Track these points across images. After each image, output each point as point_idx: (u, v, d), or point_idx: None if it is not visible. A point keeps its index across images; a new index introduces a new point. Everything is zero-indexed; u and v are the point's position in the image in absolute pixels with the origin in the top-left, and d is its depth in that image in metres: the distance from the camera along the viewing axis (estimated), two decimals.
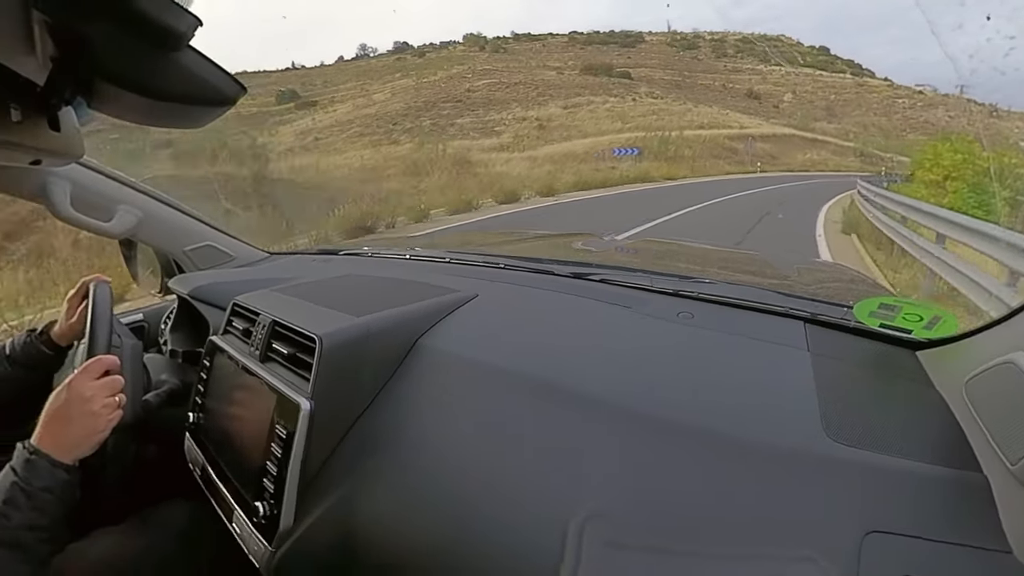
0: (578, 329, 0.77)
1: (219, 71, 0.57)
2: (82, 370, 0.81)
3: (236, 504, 0.77)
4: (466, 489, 0.57)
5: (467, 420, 0.65)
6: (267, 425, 0.71)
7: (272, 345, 0.78)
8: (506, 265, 1.07)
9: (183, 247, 1.40)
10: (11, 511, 0.73)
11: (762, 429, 0.52)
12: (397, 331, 0.76)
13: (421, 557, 0.56)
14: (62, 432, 0.79)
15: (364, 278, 1.08)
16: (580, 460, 0.54)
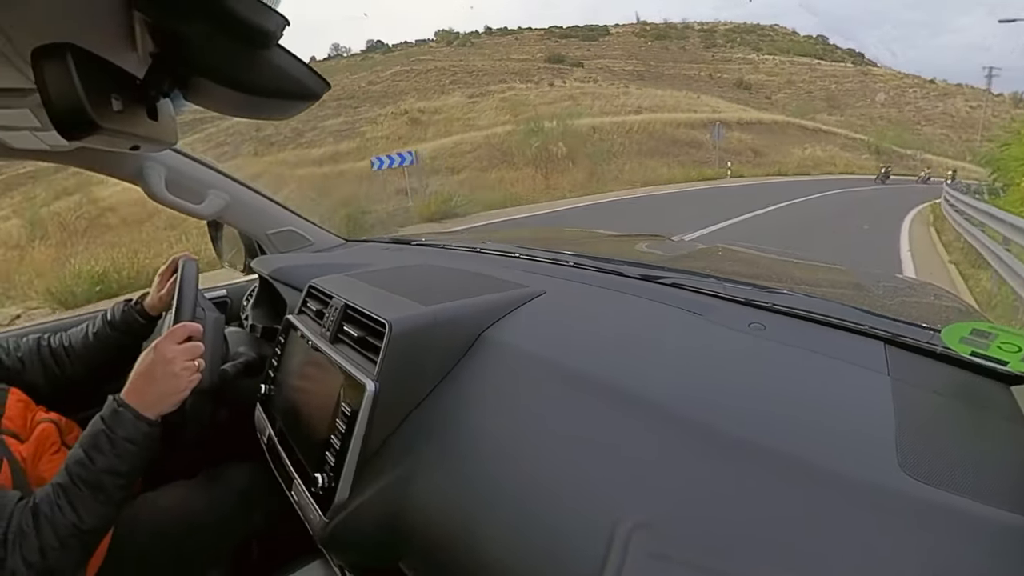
0: (646, 333, 0.76)
1: (305, 67, 0.61)
2: (167, 335, 0.89)
3: (297, 473, 0.81)
4: (519, 483, 0.57)
5: (526, 415, 0.65)
6: (333, 402, 0.75)
7: (343, 327, 0.82)
8: (575, 263, 1.05)
9: (266, 230, 1.49)
10: (95, 455, 0.81)
11: (830, 454, 0.48)
12: (463, 322, 0.77)
13: (466, 545, 0.57)
14: (147, 389, 0.86)
15: (435, 268, 1.11)
16: (636, 467, 0.53)
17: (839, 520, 0.44)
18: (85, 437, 0.83)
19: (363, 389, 0.69)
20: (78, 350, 1.18)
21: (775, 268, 1.41)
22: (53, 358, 1.16)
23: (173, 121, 0.78)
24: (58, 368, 1.16)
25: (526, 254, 1.17)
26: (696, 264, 1.23)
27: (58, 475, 0.82)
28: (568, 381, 0.65)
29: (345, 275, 1.02)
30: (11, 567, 0.75)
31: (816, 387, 0.61)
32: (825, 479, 0.46)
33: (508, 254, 1.21)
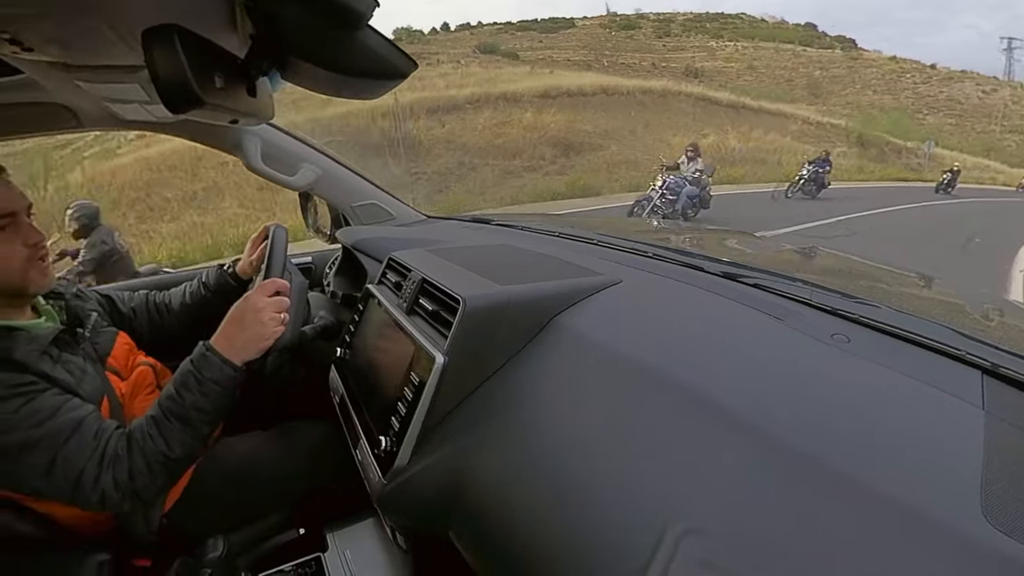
0: (722, 334, 0.72)
1: (394, 48, 0.62)
2: (258, 287, 0.96)
3: (363, 434, 0.85)
4: (575, 471, 0.56)
5: (592, 404, 0.64)
6: (403, 370, 0.77)
7: (419, 300, 0.85)
8: (654, 255, 1.02)
9: (352, 203, 1.57)
10: (184, 392, 0.89)
11: (903, 486, 0.44)
12: (536, 304, 0.77)
13: (515, 524, 0.57)
14: (235, 335, 0.93)
15: (513, 249, 1.12)
16: (695, 471, 0.51)
17: (900, 556, 0.40)
18: (176, 376, 0.92)
19: (433, 361, 0.71)
20: (177, 306, 1.31)
21: (867, 277, 1.30)
22: (157, 311, 1.30)
23: (270, 98, 0.83)
24: (160, 320, 1.29)
25: (605, 241, 1.15)
26: (781, 265, 1.16)
27: (151, 409, 0.91)
28: (637, 375, 0.64)
29: (424, 250, 1.05)
30: (102, 484, 0.84)
31: (899, 412, 0.55)
32: (893, 511, 0.42)
33: (586, 240, 1.19)
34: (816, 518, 0.44)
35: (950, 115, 34.91)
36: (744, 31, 44.84)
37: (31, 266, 0.91)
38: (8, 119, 1.26)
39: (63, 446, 0.84)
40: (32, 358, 0.88)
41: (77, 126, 1.31)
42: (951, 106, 35.89)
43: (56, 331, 0.95)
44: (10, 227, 0.89)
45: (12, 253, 0.89)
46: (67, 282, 1.13)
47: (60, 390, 0.89)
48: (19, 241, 0.90)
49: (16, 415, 0.83)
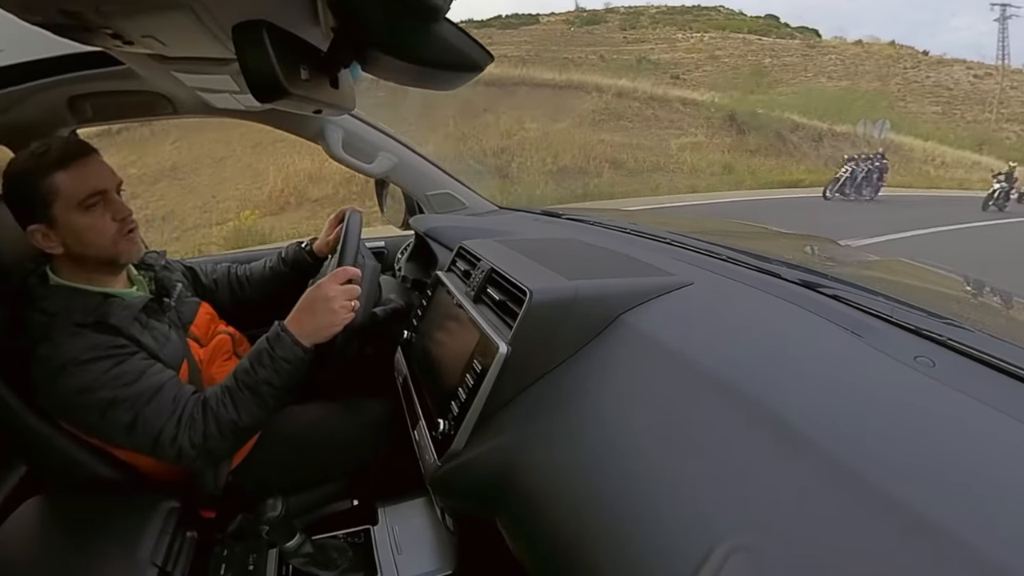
0: (796, 346, 0.68)
1: (471, 41, 0.63)
2: (330, 276, 1.00)
3: (423, 415, 0.87)
4: (629, 473, 0.55)
5: (652, 407, 0.62)
6: (466, 357, 0.78)
7: (486, 289, 0.85)
8: (728, 257, 0.97)
9: (426, 191, 1.60)
10: (257, 367, 0.95)
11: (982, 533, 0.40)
12: (603, 301, 0.76)
13: (566, 516, 0.57)
14: (307, 320, 0.98)
15: (582, 244, 1.10)
16: (754, 487, 0.48)
17: None
18: (252, 352, 0.98)
19: (496, 350, 0.72)
20: (256, 280, 1.40)
21: (959, 296, 1.20)
22: (238, 283, 1.39)
23: (351, 89, 0.85)
24: (240, 292, 1.38)
25: (677, 241, 1.11)
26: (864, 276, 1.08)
27: (226, 379, 0.98)
28: (701, 382, 0.61)
29: (494, 240, 1.06)
30: (179, 443, 0.92)
31: (988, 451, 0.50)
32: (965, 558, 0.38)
33: (658, 239, 1.15)
34: (879, 557, 0.40)
35: (935, 102, 29.56)
36: (719, 23, 40.76)
37: (120, 238, 0.99)
38: (113, 106, 1.38)
39: (145, 407, 0.92)
40: (125, 323, 0.97)
41: (173, 113, 1.41)
42: (938, 93, 30.40)
43: (146, 299, 1.04)
44: (101, 203, 0.97)
45: (104, 226, 0.97)
46: (156, 255, 1.23)
47: (147, 354, 0.97)
48: (109, 216, 0.98)
49: (107, 375, 0.91)
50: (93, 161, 0.97)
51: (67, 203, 0.94)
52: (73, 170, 0.94)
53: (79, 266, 1.00)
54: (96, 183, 0.96)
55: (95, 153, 0.98)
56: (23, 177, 0.93)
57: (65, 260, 0.99)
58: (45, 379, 0.93)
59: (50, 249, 0.96)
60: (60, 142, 0.97)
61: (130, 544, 0.95)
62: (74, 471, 1.06)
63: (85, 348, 0.92)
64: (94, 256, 0.99)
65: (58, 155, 0.93)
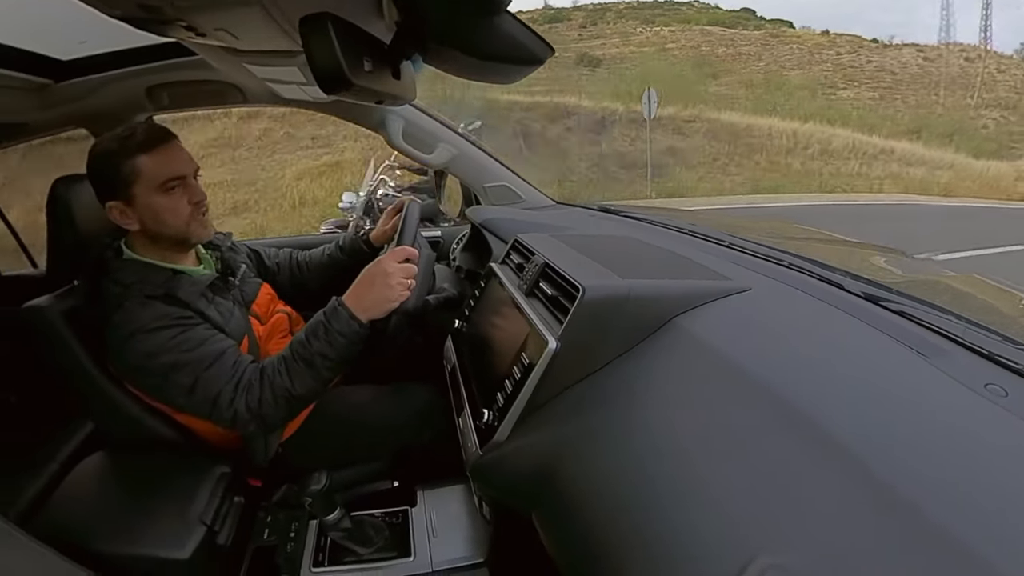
0: (856, 363, 0.64)
1: (532, 33, 0.62)
2: (390, 253, 1.03)
3: (468, 404, 0.88)
4: (673, 477, 0.54)
5: (700, 414, 0.60)
6: (515, 350, 0.78)
7: (539, 283, 0.85)
8: (789, 264, 0.93)
9: (483, 183, 1.61)
10: (313, 339, 0.98)
11: None
12: (657, 302, 0.74)
13: (602, 516, 0.56)
14: (364, 294, 1.00)
15: (638, 243, 1.08)
16: (799, 507, 0.46)
17: None
18: (309, 324, 1.02)
19: (545, 345, 0.71)
20: (315, 265, 1.45)
21: None
22: (297, 267, 1.45)
23: (413, 80, 0.86)
24: (299, 275, 1.44)
25: (736, 244, 1.07)
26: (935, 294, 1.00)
27: (283, 350, 1.02)
28: (753, 393, 0.58)
29: (550, 235, 1.05)
30: (235, 406, 0.96)
31: None
32: None
33: (717, 241, 1.11)
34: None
35: (876, 87, 25.77)
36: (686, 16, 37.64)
37: (193, 220, 1.05)
38: (188, 95, 1.47)
39: (205, 371, 0.97)
40: (192, 297, 1.02)
41: (244, 102, 1.49)
42: (880, 78, 26.60)
43: (212, 277, 1.10)
44: (179, 187, 1.03)
45: (180, 209, 1.03)
46: (223, 236, 1.29)
47: (210, 326, 1.03)
48: (186, 199, 1.04)
49: (171, 341, 0.97)
50: (174, 147, 1.03)
51: (148, 184, 1.00)
52: (156, 154, 1.00)
53: (152, 243, 1.06)
54: (176, 168, 1.02)
55: (176, 140, 1.04)
56: (107, 157, 0.99)
57: (140, 236, 1.05)
58: (116, 344, 0.99)
59: (126, 225, 1.03)
60: (144, 128, 1.02)
61: (183, 502, 1.01)
62: (136, 431, 1.13)
63: (153, 317, 0.98)
64: (168, 235, 1.05)
65: (142, 139, 0.99)
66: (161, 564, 0.94)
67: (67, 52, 1.37)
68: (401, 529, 1.12)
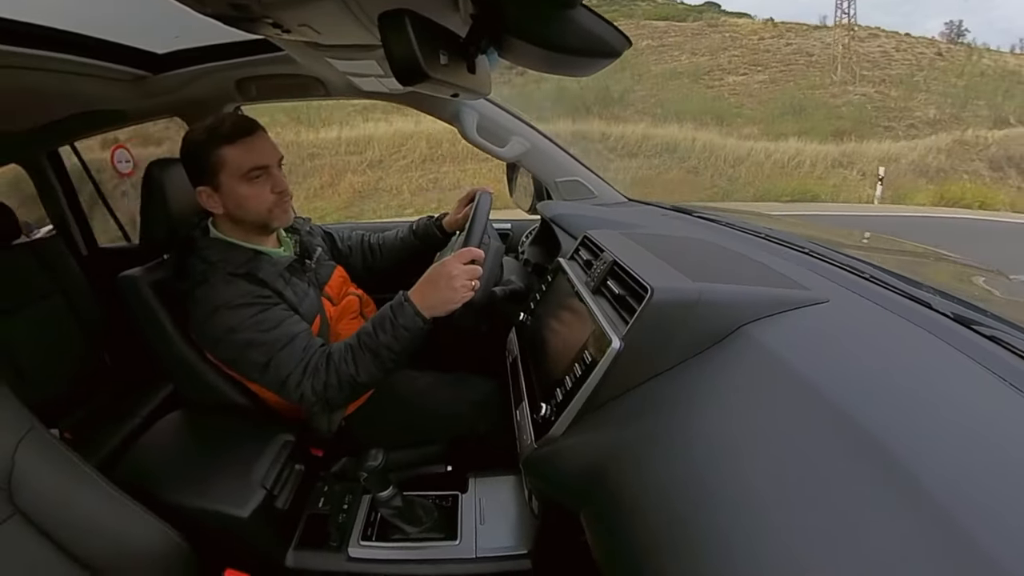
0: (940, 391, 0.58)
1: (608, 26, 0.61)
2: (456, 255, 1.04)
3: (527, 397, 0.88)
4: (729, 494, 0.51)
5: (764, 431, 0.56)
6: (578, 347, 0.77)
7: (607, 281, 0.83)
8: (872, 276, 0.86)
9: (555, 178, 1.61)
10: (379, 331, 1.02)
11: None
12: (727, 308, 0.71)
13: (650, 524, 0.55)
14: (429, 293, 1.03)
15: (711, 245, 1.05)
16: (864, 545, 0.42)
17: None
18: (376, 316, 1.06)
19: (608, 344, 0.70)
20: (387, 248, 1.50)
21: None
22: (370, 251, 1.50)
23: (488, 74, 0.87)
24: (371, 258, 1.49)
25: (817, 252, 1.01)
26: None
27: (350, 338, 1.06)
28: (824, 415, 0.54)
29: (620, 232, 1.03)
30: (303, 389, 1.01)
31: None
32: None
33: (796, 247, 1.05)
34: None
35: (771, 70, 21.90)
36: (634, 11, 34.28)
37: (275, 207, 1.11)
38: (274, 87, 1.55)
39: (278, 352, 1.03)
40: (271, 277, 1.08)
41: (325, 95, 1.56)
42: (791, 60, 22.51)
43: (291, 259, 1.16)
44: (263, 176, 1.08)
45: (263, 196, 1.09)
46: (303, 220, 1.35)
47: (287, 306, 1.09)
48: (269, 187, 1.09)
49: (251, 319, 1.03)
50: (259, 138, 1.08)
51: (233, 173, 1.06)
52: (240, 145, 1.06)
53: (236, 225, 1.13)
54: (259, 159, 1.08)
55: (262, 131, 1.10)
56: (197, 146, 1.06)
57: (225, 219, 1.12)
58: (199, 317, 1.07)
59: (212, 208, 1.10)
60: (231, 118, 1.08)
61: (247, 465, 1.07)
62: (211, 396, 1.22)
63: (236, 294, 1.04)
64: (250, 220, 1.11)
65: (229, 131, 1.05)
66: (222, 519, 1.00)
67: (163, 47, 1.48)
68: (450, 513, 1.14)
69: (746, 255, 0.97)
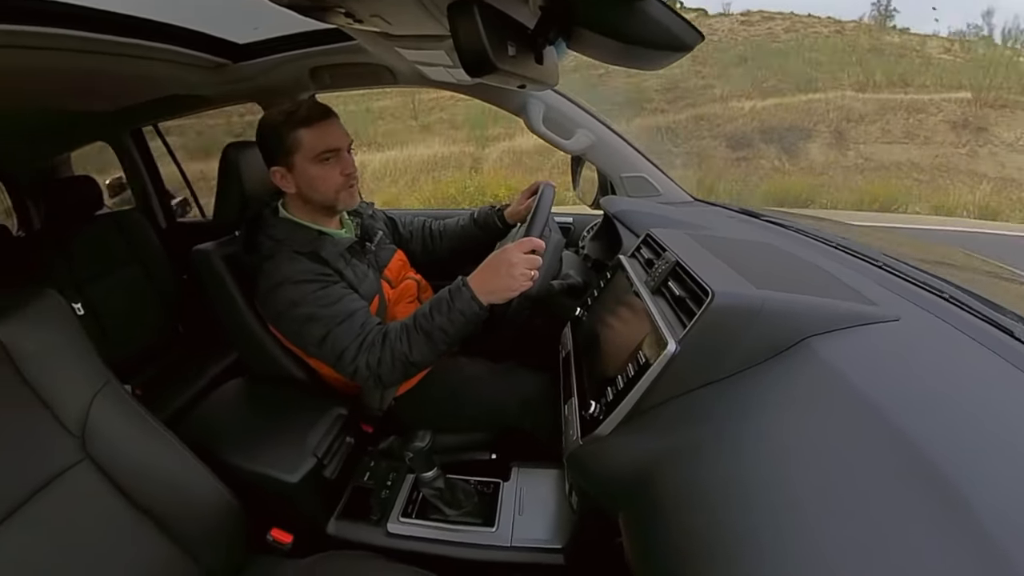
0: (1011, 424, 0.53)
1: (680, 19, 0.59)
2: (517, 243, 1.05)
3: (576, 393, 0.87)
4: (775, 516, 0.49)
5: (820, 451, 0.53)
6: (633, 346, 0.76)
7: (667, 282, 0.81)
8: (950, 296, 0.79)
9: (620, 173, 1.58)
10: (435, 313, 1.04)
11: None
12: (791, 319, 0.68)
13: (690, 537, 0.53)
14: (487, 280, 1.04)
15: (779, 252, 1.00)
16: (896, 560, 0.41)
17: None
18: (433, 299, 1.08)
19: (664, 346, 0.68)
20: (447, 235, 1.52)
21: None
22: (430, 237, 1.53)
23: (556, 66, 0.87)
24: (431, 244, 1.52)
25: (891, 266, 0.95)
26: None
27: (407, 318, 1.09)
28: (886, 441, 0.51)
29: (684, 232, 1.00)
30: (357, 363, 1.05)
31: None
32: None
33: (869, 259, 0.99)
34: None
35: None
36: None
37: (343, 189, 1.16)
38: (346, 76, 1.60)
39: (336, 327, 1.07)
40: (332, 257, 1.13)
41: (394, 83, 1.59)
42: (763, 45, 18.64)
43: (352, 241, 1.21)
44: (334, 159, 1.13)
45: (332, 178, 1.14)
46: (366, 204, 1.39)
47: (346, 285, 1.13)
48: (338, 170, 1.14)
49: (312, 295, 1.07)
50: (332, 123, 1.13)
51: (306, 155, 1.11)
52: (314, 129, 1.10)
53: (304, 206, 1.18)
54: (332, 142, 1.12)
55: (334, 117, 1.14)
56: (274, 128, 1.11)
57: (295, 199, 1.17)
58: (264, 290, 1.12)
59: (285, 188, 1.15)
60: (307, 104, 1.13)
61: (301, 434, 1.13)
62: (272, 366, 1.28)
63: (299, 271, 1.09)
64: (319, 201, 1.16)
65: (304, 115, 1.10)
66: (273, 483, 1.06)
67: (242, 36, 1.55)
68: (490, 500, 1.15)
69: (815, 264, 0.92)
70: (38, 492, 0.79)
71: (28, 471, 0.79)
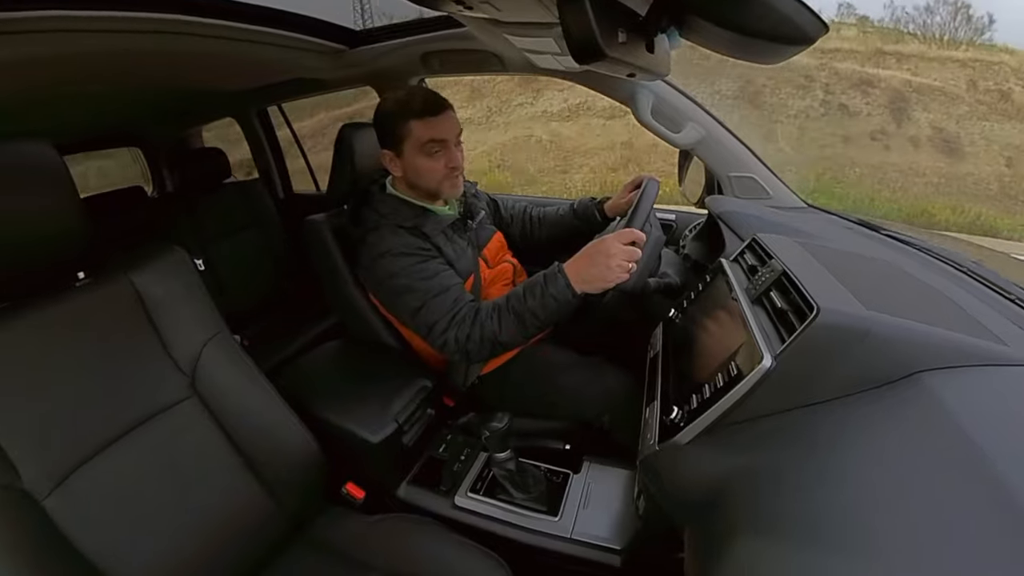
0: None
1: (804, 9, 0.55)
2: (616, 234, 1.04)
3: (660, 396, 0.85)
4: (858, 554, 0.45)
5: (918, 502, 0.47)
6: (725, 355, 0.72)
7: (769, 292, 0.75)
8: None
9: (729, 172, 1.51)
10: (528, 296, 1.06)
11: None
12: (902, 348, 0.61)
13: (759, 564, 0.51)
14: (583, 268, 1.04)
15: (897, 271, 0.91)
16: None
17: None
18: (528, 282, 1.10)
19: (759, 360, 0.63)
20: (547, 223, 1.54)
21: None
22: (530, 222, 1.55)
23: (667, 55, 0.84)
24: (530, 230, 1.55)
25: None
26: None
27: (500, 298, 1.12)
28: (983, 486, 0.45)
29: (794, 240, 0.94)
30: (447, 336, 1.09)
31: None
32: None
33: (1002, 291, 0.88)
34: None
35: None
36: None
37: (446, 180, 1.21)
38: (455, 61, 1.63)
39: (431, 299, 1.12)
40: (433, 233, 1.18)
41: (502, 70, 1.60)
42: None
43: (453, 219, 1.25)
44: (441, 151, 1.17)
45: (437, 169, 1.19)
46: (469, 184, 1.43)
47: (444, 260, 1.17)
48: (444, 162, 1.18)
49: (411, 268, 1.13)
50: (444, 117, 1.17)
51: (414, 144, 1.16)
52: (425, 121, 1.15)
53: (410, 188, 1.24)
54: (440, 134, 1.16)
55: (447, 110, 1.18)
56: (389, 116, 1.18)
57: (401, 181, 1.24)
58: (366, 260, 1.20)
59: (393, 171, 1.22)
60: (422, 95, 1.18)
61: (387, 399, 1.20)
62: (368, 332, 1.37)
63: (401, 244, 1.15)
64: (422, 187, 1.22)
65: (419, 107, 1.15)
66: (356, 440, 1.13)
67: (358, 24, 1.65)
68: (558, 489, 1.16)
69: (937, 289, 0.83)
70: (150, 419, 0.92)
71: (143, 399, 0.92)
